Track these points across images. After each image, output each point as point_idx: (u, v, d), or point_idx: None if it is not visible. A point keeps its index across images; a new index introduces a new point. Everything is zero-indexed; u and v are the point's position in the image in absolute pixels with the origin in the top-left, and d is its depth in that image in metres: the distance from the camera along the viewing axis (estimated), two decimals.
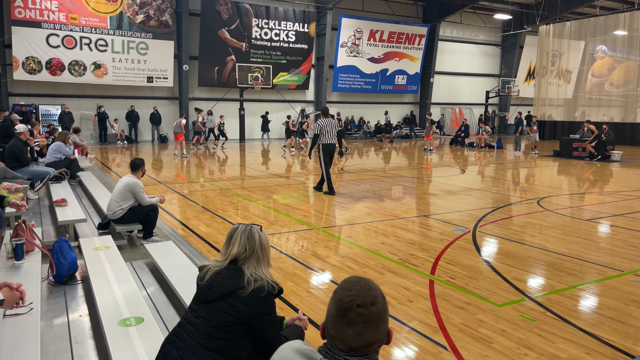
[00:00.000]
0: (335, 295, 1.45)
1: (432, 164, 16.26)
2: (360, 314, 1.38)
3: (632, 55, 24.60)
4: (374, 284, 1.47)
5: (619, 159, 16.77)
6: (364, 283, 1.45)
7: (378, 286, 1.47)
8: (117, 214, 5.76)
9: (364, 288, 1.43)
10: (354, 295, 1.40)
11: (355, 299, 1.40)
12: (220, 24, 24.24)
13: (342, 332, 1.40)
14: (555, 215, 7.98)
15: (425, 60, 30.30)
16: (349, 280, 1.47)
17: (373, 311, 1.40)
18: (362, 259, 5.51)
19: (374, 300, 1.41)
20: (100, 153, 18.04)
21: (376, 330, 1.41)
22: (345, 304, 1.40)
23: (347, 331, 1.39)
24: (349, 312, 1.39)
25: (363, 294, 1.41)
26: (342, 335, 1.41)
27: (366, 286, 1.44)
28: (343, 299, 1.41)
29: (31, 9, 20.23)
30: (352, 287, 1.43)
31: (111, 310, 3.25)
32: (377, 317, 1.41)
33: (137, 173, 5.95)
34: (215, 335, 2.23)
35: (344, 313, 1.39)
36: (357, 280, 1.46)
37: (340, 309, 1.40)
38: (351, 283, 1.45)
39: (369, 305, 1.40)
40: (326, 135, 9.41)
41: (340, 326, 1.41)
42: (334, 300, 1.44)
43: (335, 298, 1.44)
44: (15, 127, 9.16)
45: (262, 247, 2.39)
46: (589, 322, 3.91)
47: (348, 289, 1.43)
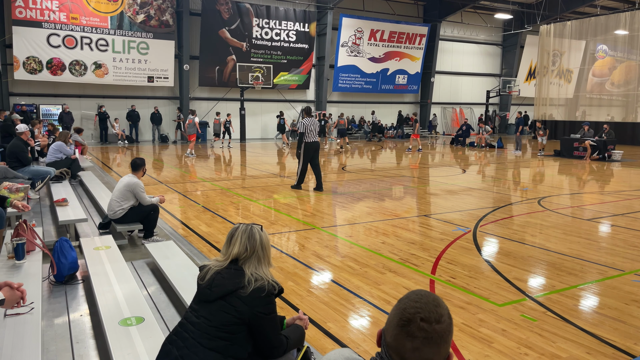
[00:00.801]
0: (399, 304, 1.38)
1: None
2: (422, 329, 1.31)
3: (633, 55, 24.57)
4: (442, 302, 1.40)
5: (620, 159, 16.76)
6: (432, 298, 1.38)
7: (447, 306, 1.40)
8: (118, 213, 5.76)
9: (431, 303, 1.36)
10: (419, 308, 1.33)
11: (420, 312, 1.33)
12: (220, 23, 24.25)
13: (400, 344, 1.33)
14: (556, 214, 7.98)
15: (425, 59, 30.30)
16: (418, 292, 1.40)
17: (436, 329, 1.32)
18: (362, 258, 5.51)
19: (439, 317, 1.33)
20: (101, 153, 18.05)
21: (436, 350, 1.33)
22: (409, 314, 1.33)
23: (405, 343, 1.32)
24: (410, 323, 1.32)
25: (429, 308, 1.34)
26: (400, 347, 1.33)
27: (434, 302, 1.37)
28: (407, 309, 1.34)
29: (32, 9, 20.24)
30: (419, 299, 1.36)
31: (112, 310, 3.26)
32: (440, 336, 1.32)
33: (138, 173, 5.96)
34: (216, 334, 2.24)
35: (405, 324, 1.32)
36: (426, 294, 1.39)
37: (402, 319, 1.33)
38: (419, 295, 1.38)
39: (433, 321, 1.32)
40: (309, 134, 9.78)
41: (399, 337, 1.33)
42: (398, 308, 1.37)
43: (399, 307, 1.37)
44: (16, 127, 9.16)
45: (263, 246, 2.39)
46: (589, 321, 3.91)
47: (414, 300, 1.36)
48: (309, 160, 9.95)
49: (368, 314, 4.04)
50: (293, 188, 10.23)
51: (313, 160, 9.95)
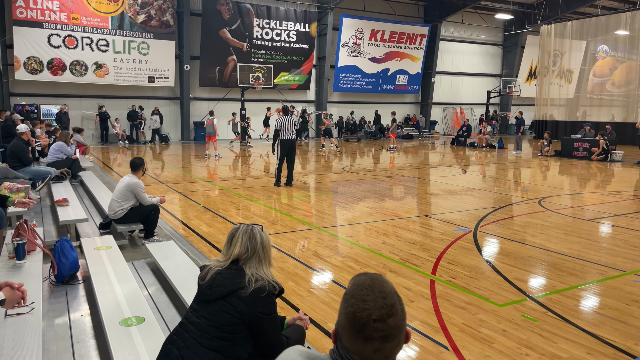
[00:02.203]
0: (347, 307, 1.28)
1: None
2: (378, 329, 1.24)
3: (634, 55, 24.56)
4: (388, 286, 1.32)
5: (621, 159, 16.75)
6: (378, 290, 1.29)
7: (392, 286, 1.33)
8: (118, 213, 5.76)
9: (379, 297, 1.27)
10: (369, 309, 1.25)
11: (371, 312, 1.25)
12: (221, 24, 24.25)
13: (360, 348, 1.27)
14: (557, 215, 7.97)
15: (426, 60, 30.29)
16: (361, 286, 1.31)
17: (391, 324, 1.26)
18: (363, 258, 5.50)
19: (391, 310, 1.26)
20: (102, 153, 18.06)
21: (396, 342, 1.28)
22: (361, 319, 1.25)
23: (365, 347, 1.26)
24: (365, 328, 1.24)
25: (379, 304, 1.26)
26: (360, 351, 1.28)
27: (381, 294, 1.28)
28: (357, 313, 1.26)
29: (32, 9, 20.25)
30: (365, 296, 1.27)
31: (112, 310, 3.26)
32: (397, 327, 1.27)
33: (138, 173, 5.95)
34: (216, 335, 2.24)
35: (360, 329, 1.25)
36: (370, 286, 1.30)
37: (355, 325, 1.26)
38: (364, 291, 1.29)
39: (386, 317, 1.25)
40: (284, 131, 10.24)
41: (357, 342, 1.27)
42: (347, 313, 1.28)
43: (349, 311, 1.28)
44: (16, 127, 9.17)
45: (264, 247, 2.39)
46: (590, 322, 3.91)
47: (362, 300, 1.27)
48: (284, 157, 10.43)
49: None
50: (275, 186, 10.61)
51: (288, 157, 10.44)
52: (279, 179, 10.71)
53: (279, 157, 10.53)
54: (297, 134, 10.50)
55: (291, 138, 10.31)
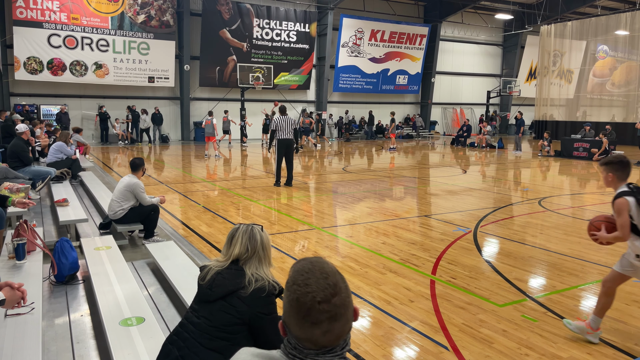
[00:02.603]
0: (290, 294, 1.27)
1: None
2: (324, 311, 1.22)
3: (634, 55, 24.56)
4: (328, 266, 1.29)
5: None
6: (318, 271, 1.27)
7: (333, 266, 1.30)
8: (118, 214, 5.76)
9: (320, 278, 1.25)
10: (313, 292, 1.23)
11: (315, 296, 1.22)
12: (221, 24, 24.25)
13: (309, 334, 1.25)
14: (557, 215, 7.97)
15: (426, 60, 30.29)
16: (302, 271, 1.28)
17: (337, 303, 1.24)
18: (363, 259, 5.50)
19: (334, 289, 1.25)
20: (102, 153, 18.06)
21: (344, 321, 1.27)
22: (305, 304, 1.23)
23: (314, 332, 1.24)
24: (311, 311, 1.22)
25: (322, 286, 1.24)
26: (310, 336, 1.25)
27: (322, 274, 1.26)
28: (301, 298, 1.24)
29: (32, 9, 20.26)
30: (307, 280, 1.25)
31: (112, 310, 3.26)
32: (343, 306, 1.25)
33: (138, 173, 5.95)
34: (217, 335, 2.24)
35: (305, 314, 1.23)
36: (310, 269, 1.28)
37: (300, 310, 1.24)
38: (305, 275, 1.26)
39: (330, 297, 1.23)
40: (281, 131, 10.29)
41: (304, 328, 1.25)
42: (291, 300, 1.26)
43: (292, 298, 1.26)
44: (16, 127, 9.17)
45: (264, 247, 2.39)
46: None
47: (304, 285, 1.25)
48: (282, 157, 10.51)
49: (368, 315, 4.04)
50: (275, 186, 10.62)
51: (286, 156, 10.49)
52: (278, 179, 10.72)
53: (277, 157, 10.60)
54: (295, 134, 10.47)
55: (288, 138, 10.33)
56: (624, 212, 3.30)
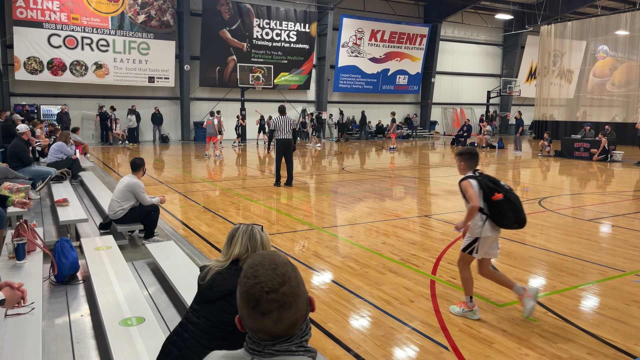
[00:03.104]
0: (241, 287, 1.29)
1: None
2: (273, 300, 1.24)
3: (634, 56, 24.56)
4: (279, 258, 1.32)
5: (621, 159, 16.75)
6: (268, 263, 1.29)
7: (284, 258, 1.33)
8: (118, 214, 5.76)
9: (269, 269, 1.27)
10: (260, 283, 1.25)
11: (264, 287, 1.24)
12: (221, 24, 24.25)
13: (261, 324, 1.26)
14: (557, 215, 7.97)
15: (426, 60, 30.29)
16: (252, 264, 1.31)
17: (285, 292, 1.25)
18: (363, 259, 5.50)
19: (282, 279, 1.26)
20: (102, 153, 18.06)
21: (295, 309, 1.27)
22: (254, 294, 1.25)
23: (265, 322, 1.26)
24: (260, 302, 1.24)
25: (270, 276, 1.26)
26: (262, 327, 1.27)
27: (271, 265, 1.28)
28: (250, 290, 1.26)
29: (33, 9, 20.26)
30: (256, 272, 1.27)
31: (112, 310, 3.26)
32: (292, 295, 1.26)
33: (138, 173, 5.95)
34: (216, 335, 2.24)
35: (255, 305, 1.25)
36: (260, 262, 1.30)
37: (250, 302, 1.25)
38: (254, 267, 1.29)
39: (279, 287, 1.25)
40: (280, 131, 10.31)
41: (256, 319, 1.26)
42: (241, 293, 1.28)
43: (242, 290, 1.28)
44: (16, 127, 9.17)
45: (264, 247, 2.39)
46: (590, 322, 3.90)
47: (253, 276, 1.27)
48: (281, 156, 10.54)
49: (368, 315, 4.04)
50: (275, 186, 10.65)
51: (286, 156, 10.48)
52: (278, 179, 10.72)
53: (276, 157, 10.61)
54: (294, 134, 10.48)
55: (287, 138, 10.33)
56: (469, 188, 3.93)
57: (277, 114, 10.60)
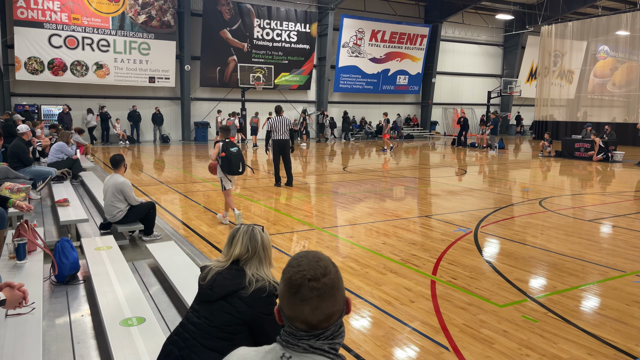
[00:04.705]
0: (284, 275, 1.38)
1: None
2: (314, 288, 1.32)
3: (635, 56, 24.54)
4: (323, 255, 1.41)
5: (621, 160, 16.74)
6: (312, 256, 1.39)
7: (328, 257, 1.42)
8: (118, 216, 5.76)
9: (312, 261, 1.37)
10: (303, 271, 1.34)
11: (305, 273, 1.34)
12: (222, 24, 24.26)
13: (299, 311, 1.34)
14: (557, 215, 7.97)
15: (427, 60, 30.28)
16: (296, 257, 1.41)
17: (326, 282, 1.34)
18: (363, 259, 5.50)
19: (325, 271, 1.36)
20: (102, 153, 18.07)
21: (333, 302, 1.35)
22: (296, 281, 1.34)
23: (303, 309, 1.33)
24: (301, 288, 1.32)
25: (313, 267, 1.35)
26: (299, 314, 1.34)
27: (315, 258, 1.38)
28: (293, 276, 1.35)
29: (33, 9, 20.27)
30: (299, 262, 1.37)
31: (113, 310, 3.26)
32: (331, 287, 1.35)
33: (119, 169, 5.86)
34: (217, 335, 2.24)
35: (296, 291, 1.33)
36: (305, 255, 1.40)
37: (291, 288, 1.34)
38: (299, 259, 1.39)
39: (320, 277, 1.34)
40: (277, 132, 10.30)
41: (295, 305, 1.34)
42: (284, 280, 1.37)
43: (285, 278, 1.37)
44: (17, 127, 9.18)
45: (264, 247, 2.39)
46: (591, 322, 3.90)
47: (296, 265, 1.37)
48: (279, 157, 10.52)
49: (369, 315, 4.04)
50: (275, 186, 10.65)
51: (283, 157, 10.46)
52: (278, 179, 10.72)
53: (274, 158, 10.59)
54: (291, 134, 10.47)
55: (283, 138, 10.30)
56: (216, 148, 6.86)
57: (274, 114, 10.59)
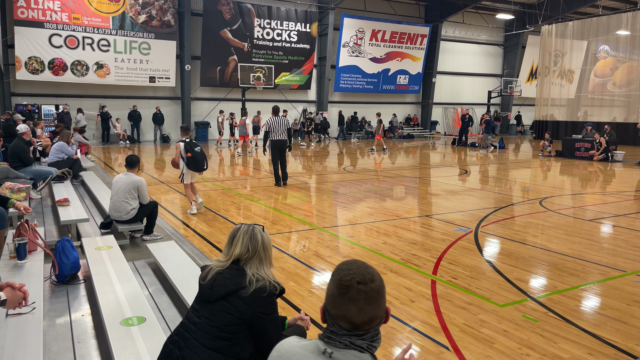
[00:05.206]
0: (334, 276, 1.51)
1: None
2: (361, 291, 1.45)
3: (635, 55, 24.53)
4: (369, 264, 1.54)
5: (622, 159, 16.74)
6: (361, 263, 1.52)
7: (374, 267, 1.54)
8: (132, 213, 5.80)
9: (361, 267, 1.50)
10: (353, 274, 1.47)
11: (355, 277, 1.46)
12: (222, 24, 24.26)
13: (345, 310, 1.46)
14: (558, 215, 7.97)
15: (427, 60, 30.27)
16: (346, 262, 1.54)
17: (373, 287, 1.46)
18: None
19: (372, 277, 1.48)
20: (103, 153, 18.07)
21: (377, 306, 1.47)
22: (346, 282, 1.46)
23: (349, 308, 1.45)
24: (350, 289, 1.45)
25: (362, 272, 1.48)
26: (345, 313, 1.46)
27: (363, 265, 1.51)
28: (343, 278, 1.47)
29: (34, 9, 20.27)
30: (350, 267, 1.50)
31: (113, 310, 3.26)
32: (377, 293, 1.47)
33: (134, 170, 5.98)
34: (217, 335, 2.24)
35: (345, 291, 1.45)
36: (354, 261, 1.53)
37: (341, 288, 1.46)
38: (349, 264, 1.52)
39: (368, 281, 1.46)
40: (274, 132, 10.34)
41: (342, 304, 1.46)
42: (334, 280, 1.50)
43: (335, 278, 1.50)
44: (17, 127, 9.18)
45: (265, 247, 2.39)
46: (591, 322, 3.90)
47: (347, 269, 1.49)
48: (277, 157, 10.57)
49: None
50: (275, 186, 10.69)
51: (280, 157, 10.54)
52: (278, 179, 10.75)
53: (272, 159, 10.66)
54: (289, 135, 10.52)
55: (281, 139, 10.37)
56: (177, 149, 7.44)
57: (271, 114, 10.61)
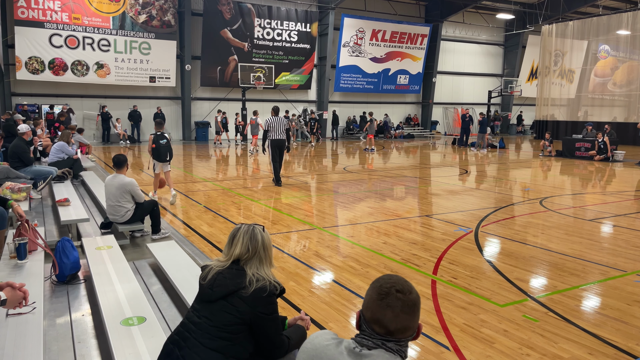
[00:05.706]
0: (375, 284, 1.61)
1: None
2: (399, 298, 1.54)
3: (635, 55, 24.53)
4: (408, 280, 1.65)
5: (622, 159, 16.73)
6: (400, 277, 1.64)
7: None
8: (127, 215, 5.78)
9: (402, 279, 1.61)
10: (394, 282, 1.58)
11: (395, 285, 1.57)
12: (222, 23, 24.27)
13: (381, 315, 1.54)
14: (558, 215, 7.97)
15: (427, 60, 30.27)
16: (388, 274, 1.65)
17: (410, 298, 1.56)
18: (364, 258, 5.50)
19: (411, 289, 1.59)
20: (103, 153, 18.08)
21: (412, 317, 1.56)
22: (386, 289, 1.56)
23: (386, 313, 1.54)
24: (388, 295, 1.55)
25: (402, 283, 1.59)
26: (382, 317, 1.54)
27: (403, 279, 1.63)
28: (383, 285, 1.58)
29: (34, 9, 20.28)
30: (391, 277, 1.62)
31: (114, 310, 3.26)
32: (414, 304, 1.57)
33: (122, 170, 5.93)
34: (218, 335, 2.24)
35: (384, 296, 1.55)
36: (395, 275, 1.64)
37: (380, 293, 1.56)
38: (390, 275, 1.64)
39: (407, 292, 1.57)
40: (273, 132, 10.41)
41: (379, 309, 1.55)
42: (374, 287, 1.60)
43: (375, 285, 1.60)
44: (18, 127, 9.18)
45: (265, 247, 2.39)
46: (591, 322, 3.90)
47: (388, 279, 1.61)
48: (276, 157, 10.63)
49: None
50: (276, 185, 10.73)
51: (278, 156, 10.60)
52: (278, 179, 10.78)
53: (272, 158, 10.71)
54: (287, 134, 10.59)
55: (280, 138, 10.46)
56: (150, 140, 8.25)
57: (271, 114, 10.66)
